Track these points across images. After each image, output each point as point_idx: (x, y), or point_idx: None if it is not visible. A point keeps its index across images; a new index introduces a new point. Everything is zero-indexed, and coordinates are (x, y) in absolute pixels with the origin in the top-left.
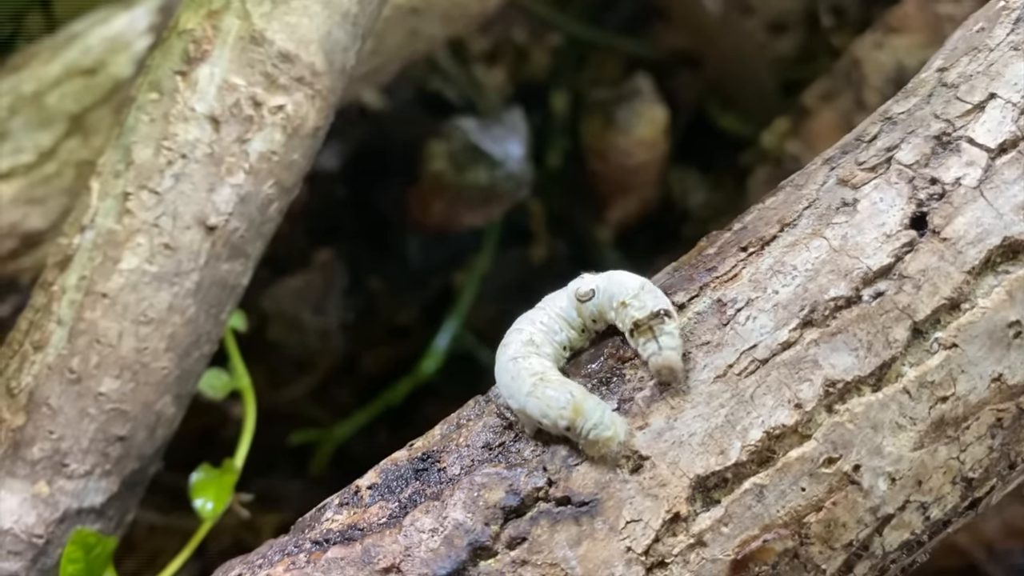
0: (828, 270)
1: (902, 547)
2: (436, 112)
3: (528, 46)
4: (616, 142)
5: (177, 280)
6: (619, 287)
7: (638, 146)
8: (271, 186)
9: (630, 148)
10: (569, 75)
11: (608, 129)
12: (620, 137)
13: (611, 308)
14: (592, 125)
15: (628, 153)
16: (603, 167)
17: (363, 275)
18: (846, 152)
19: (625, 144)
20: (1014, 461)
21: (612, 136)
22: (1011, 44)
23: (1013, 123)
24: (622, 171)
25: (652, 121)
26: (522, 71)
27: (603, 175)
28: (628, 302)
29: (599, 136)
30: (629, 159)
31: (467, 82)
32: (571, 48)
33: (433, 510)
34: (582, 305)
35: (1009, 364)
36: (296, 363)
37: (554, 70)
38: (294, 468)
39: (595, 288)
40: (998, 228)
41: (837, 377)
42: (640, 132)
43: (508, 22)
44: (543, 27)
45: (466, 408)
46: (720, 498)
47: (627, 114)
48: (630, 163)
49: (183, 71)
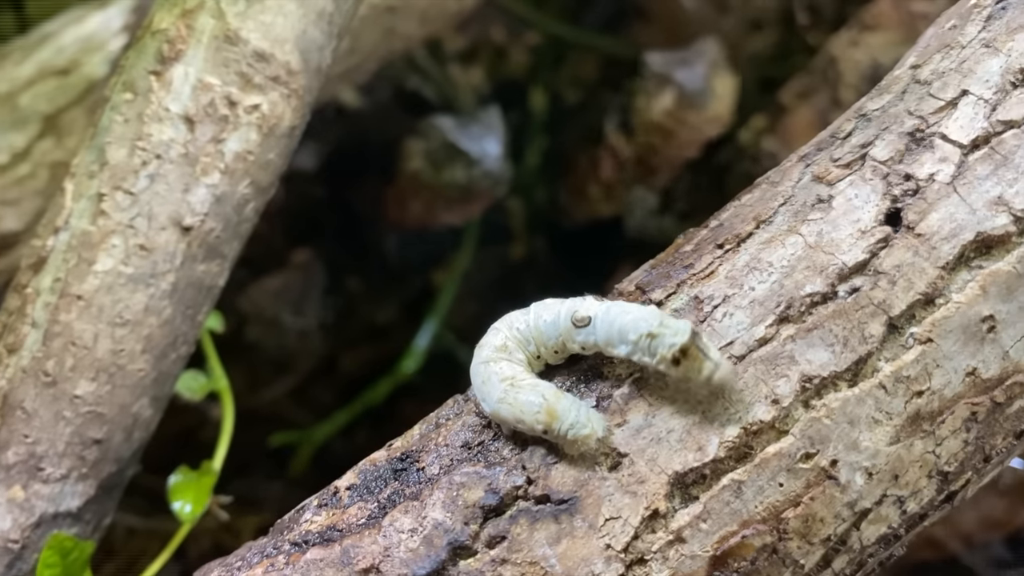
0: (804, 266)
1: (879, 541)
2: (414, 111)
3: (506, 45)
4: (685, 118)
5: (153, 281)
6: (633, 321)
7: (709, 123)
8: (247, 186)
9: (701, 125)
10: (547, 73)
11: (679, 104)
12: (690, 113)
13: (624, 341)
14: (648, 97)
15: (698, 129)
16: (663, 143)
17: (342, 275)
18: (821, 149)
19: (696, 120)
20: (989, 454)
21: (681, 111)
22: (983, 41)
23: (985, 119)
24: (685, 147)
25: (725, 94)
26: (500, 70)
27: (659, 150)
28: (657, 332)
29: (664, 111)
30: (698, 135)
31: (445, 81)
32: (549, 46)
33: (412, 510)
34: (575, 329)
35: (983, 358)
36: (275, 364)
37: (532, 68)
38: (274, 469)
39: (593, 316)
40: (971, 223)
41: (813, 373)
42: (713, 106)
43: (486, 21)
44: (521, 26)
45: (445, 407)
46: (698, 494)
47: (698, 85)
48: (697, 139)
49: (157, 71)
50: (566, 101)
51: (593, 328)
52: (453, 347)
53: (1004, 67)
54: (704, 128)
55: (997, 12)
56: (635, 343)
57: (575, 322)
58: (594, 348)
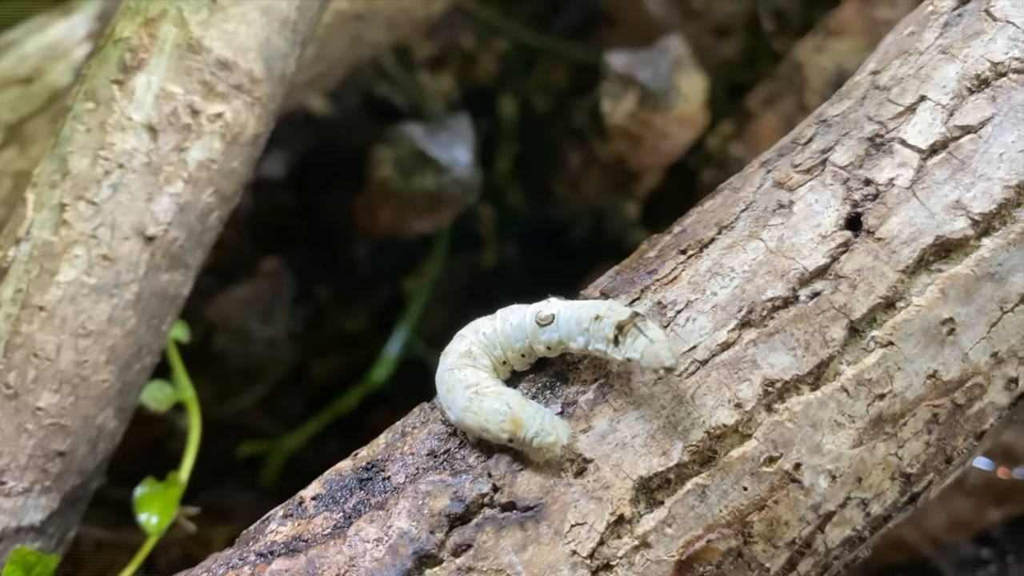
0: (765, 271)
1: (844, 543)
2: (383, 118)
3: (475, 52)
4: (651, 121)
5: (116, 291)
6: (585, 309)
7: (679, 125)
8: (211, 195)
9: (668, 128)
10: (516, 80)
11: (641, 106)
12: (656, 116)
13: (580, 331)
14: (612, 100)
15: (665, 134)
16: (631, 149)
17: (311, 283)
18: (782, 155)
19: (662, 124)
20: (950, 456)
21: (645, 115)
22: (940, 48)
23: (943, 124)
24: (655, 153)
25: (693, 94)
26: (469, 76)
27: (630, 157)
28: (603, 314)
29: (628, 114)
30: (666, 140)
31: (414, 88)
32: (518, 53)
33: (378, 519)
34: (539, 329)
35: (943, 361)
36: (244, 373)
37: (501, 75)
38: (244, 480)
39: (556, 314)
40: (930, 227)
41: (776, 376)
42: (680, 108)
43: (454, 28)
44: (490, 33)
45: (411, 416)
46: (663, 499)
47: (662, 84)
48: (666, 145)
49: (120, 80)
50: (535, 108)
51: (556, 325)
52: (424, 355)
53: (960, 73)
54: (674, 132)
55: (953, 19)
56: (587, 331)
57: (539, 321)
58: (558, 346)
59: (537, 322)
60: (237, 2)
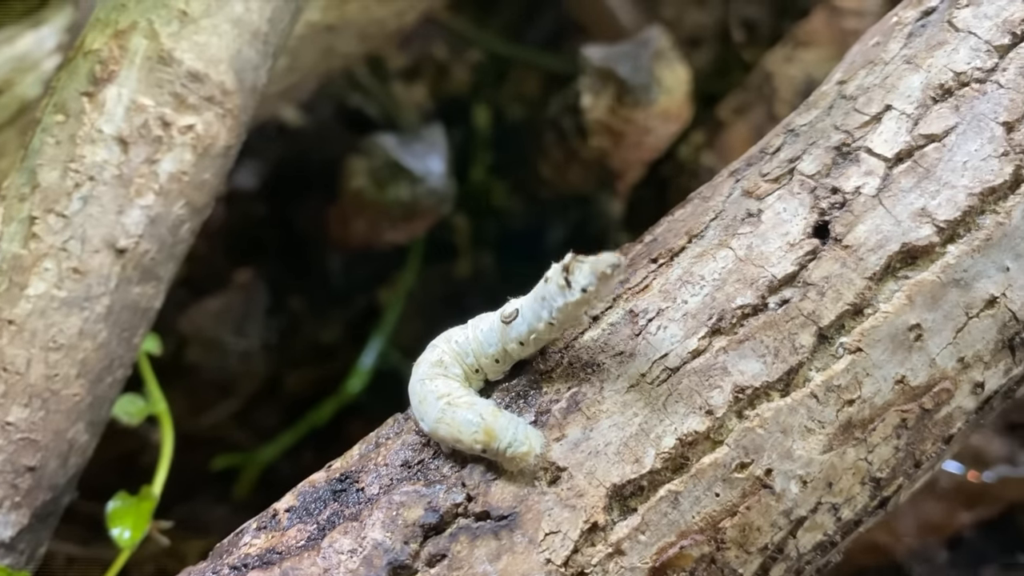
0: (735, 279)
1: (816, 548)
2: (356, 128)
3: (448, 62)
4: (633, 117)
5: (87, 305)
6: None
7: (662, 119)
8: (182, 206)
9: (650, 123)
10: (490, 90)
11: (621, 101)
12: (638, 112)
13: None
14: (592, 95)
15: (647, 129)
16: (612, 145)
17: (284, 295)
18: (751, 164)
19: (644, 119)
20: (919, 460)
21: (626, 110)
22: (904, 57)
23: (908, 133)
24: (638, 149)
25: (676, 86)
26: (443, 87)
27: (612, 153)
28: (549, 275)
29: (608, 110)
30: (648, 135)
31: (387, 98)
32: (491, 64)
33: (352, 531)
34: (507, 327)
35: (911, 366)
36: (217, 386)
37: (475, 85)
38: (219, 493)
39: (519, 307)
40: (897, 235)
41: (746, 383)
42: (663, 102)
43: (427, 38)
44: (463, 43)
45: (385, 427)
46: (636, 506)
47: (642, 78)
48: (649, 140)
49: (90, 92)
50: (509, 117)
51: (522, 317)
52: (399, 366)
53: (925, 82)
54: (657, 126)
55: (917, 30)
56: (544, 299)
57: (504, 320)
58: (529, 338)
59: (503, 321)
60: (208, 14)
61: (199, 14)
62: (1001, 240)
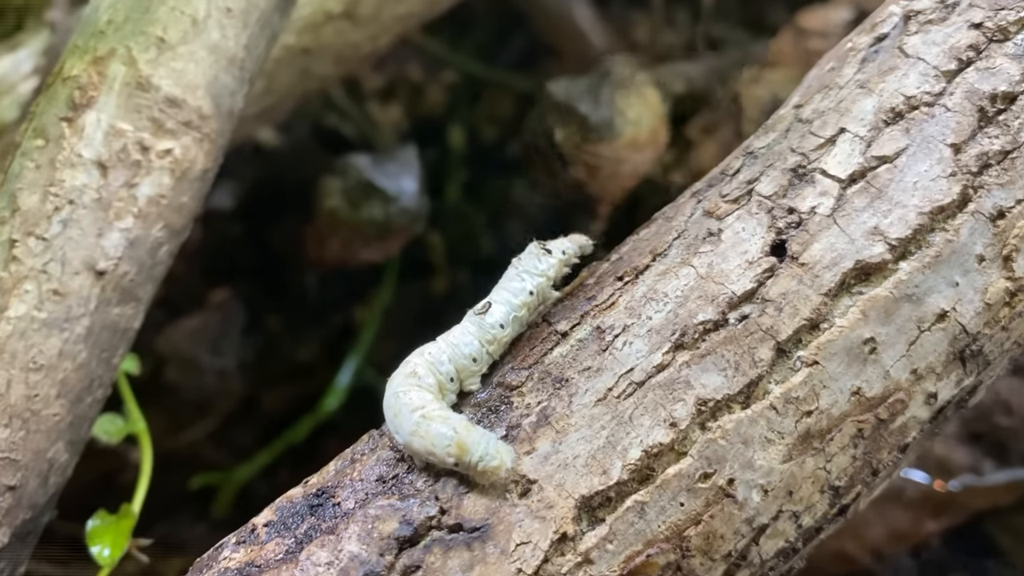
0: (696, 296)
1: (778, 555)
2: (332, 149)
3: (423, 83)
4: (599, 152)
5: (67, 326)
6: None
7: (631, 150)
8: (160, 229)
9: (620, 154)
10: (464, 111)
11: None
12: (603, 146)
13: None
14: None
15: (619, 160)
16: (589, 177)
17: (261, 314)
18: (712, 185)
19: (612, 152)
20: (876, 468)
21: (591, 146)
22: (858, 82)
23: (861, 155)
24: (614, 179)
25: (642, 114)
26: (418, 107)
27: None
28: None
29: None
30: (621, 166)
31: (363, 119)
32: (466, 85)
33: (328, 544)
34: (483, 318)
35: (866, 378)
36: (194, 405)
37: (449, 106)
38: (197, 512)
39: (489, 300)
40: (851, 253)
41: (708, 396)
42: (629, 133)
43: (403, 60)
44: (437, 65)
45: (360, 443)
46: (604, 516)
47: (604, 114)
48: (623, 170)
49: (69, 117)
50: (483, 137)
51: (496, 304)
52: (375, 383)
53: (877, 106)
54: (629, 156)
55: (871, 55)
56: (526, 273)
57: (478, 313)
58: (508, 321)
59: (476, 313)
60: (185, 41)
61: (176, 41)
62: (950, 257)
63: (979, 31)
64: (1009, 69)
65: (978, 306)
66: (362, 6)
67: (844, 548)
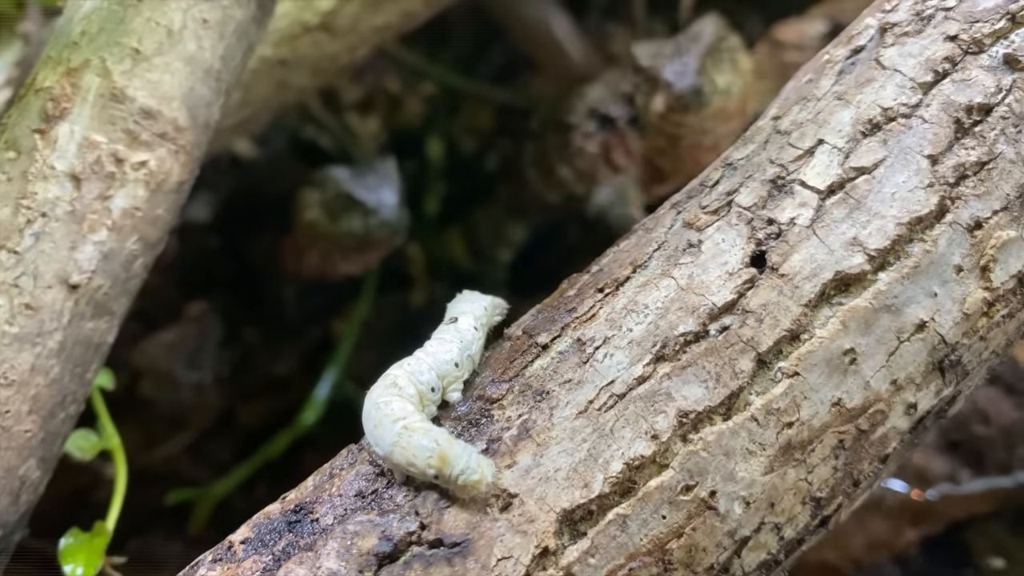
0: (677, 307)
1: (760, 567)
2: (310, 160)
3: (402, 95)
4: (685, 121)
5: (39, 340)
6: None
7: (718, 120)
8: (135, 242)
9: (705, 124)
10: (443, 122)
11: (671, 107)
12: (689, 116)
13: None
14: (644, 97)
15: (703, 131)
16: (668, 146)
17: (238, 327)
18: (691, 197)
19: (699, 122)
20: (857, 479)
21: (677, 116)
22: (835, 94)
23: (839, 167)
24: (694, 149)
25: (732, 82)
26: (396, 119)
27: (667, 152)
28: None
29: (659, 115)
30: (705, 136)
31: (340, 130)
32: (444, 97)
33: (307, 561)
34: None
35: (847, 389)
36: (170, 420)
37: (428, 118)
38: (173, 528)
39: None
40: (830, 263)
41: (689, 408)
42: (717, 102)
43: (380, 71)
44: (416, 76)
45: (339, 458)
46: (586, 530)
47: (691, 81)
48: (706, 141)
49: (41, 129)
50: (462, 149)
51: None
52: (354, 397)
53: (855, 118)
54: (714, 127)
55: (847, 67)
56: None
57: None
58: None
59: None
60: (160, 52)
61: (152, 52)
62: (929, 267)
63: (954, 43)
64: (984, 81)
65: (956, 316)
66: (339, 17)
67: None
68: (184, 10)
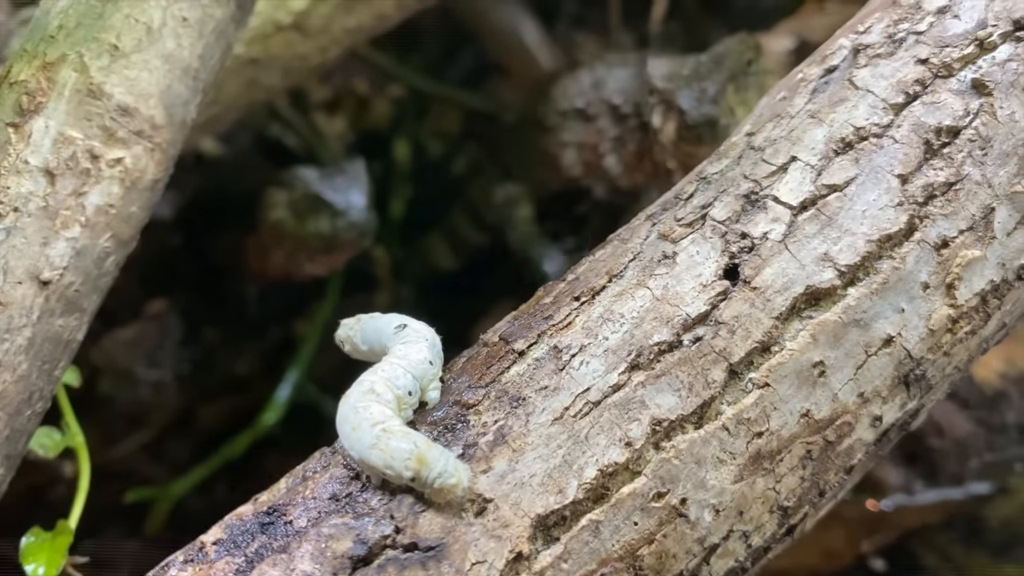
0: (652, 317)
1: (728, 574)
2: (275, 160)
3: (370, 96)
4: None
5: (7, 336)
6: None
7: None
8: (108, 239)
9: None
10: (410, 125)
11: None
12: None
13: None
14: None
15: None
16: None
17: (199, 326)
18: (666, 209)
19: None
20: (823, 489)
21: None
22: (809, 112)
23: (812, 183)
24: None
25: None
26: (363, 120)
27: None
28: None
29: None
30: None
31: (308, 130)
32: (412, 99)
33: (280, 563)
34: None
35: (815, 400)
36: (129, 418)
37: (395, 120)
38: (129, 528)
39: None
40: (801, 278)
41: (662, 416)
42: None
43: (349, 72)
44: (385, 78)
45: (312, 460)
46: (560, 535)
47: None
48: None
49: (16, 123)
50: (429, 153)
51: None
52: (316, 398)
53: (827, 136)
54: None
55: (821, 86)
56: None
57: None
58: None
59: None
60: (139, 49)
61: (130, 49)
62: (897, 283)
63: (925, 67)
64: (953, 104)
65: (922, 332)
66: (312, 18)
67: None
68: (164, 7)
